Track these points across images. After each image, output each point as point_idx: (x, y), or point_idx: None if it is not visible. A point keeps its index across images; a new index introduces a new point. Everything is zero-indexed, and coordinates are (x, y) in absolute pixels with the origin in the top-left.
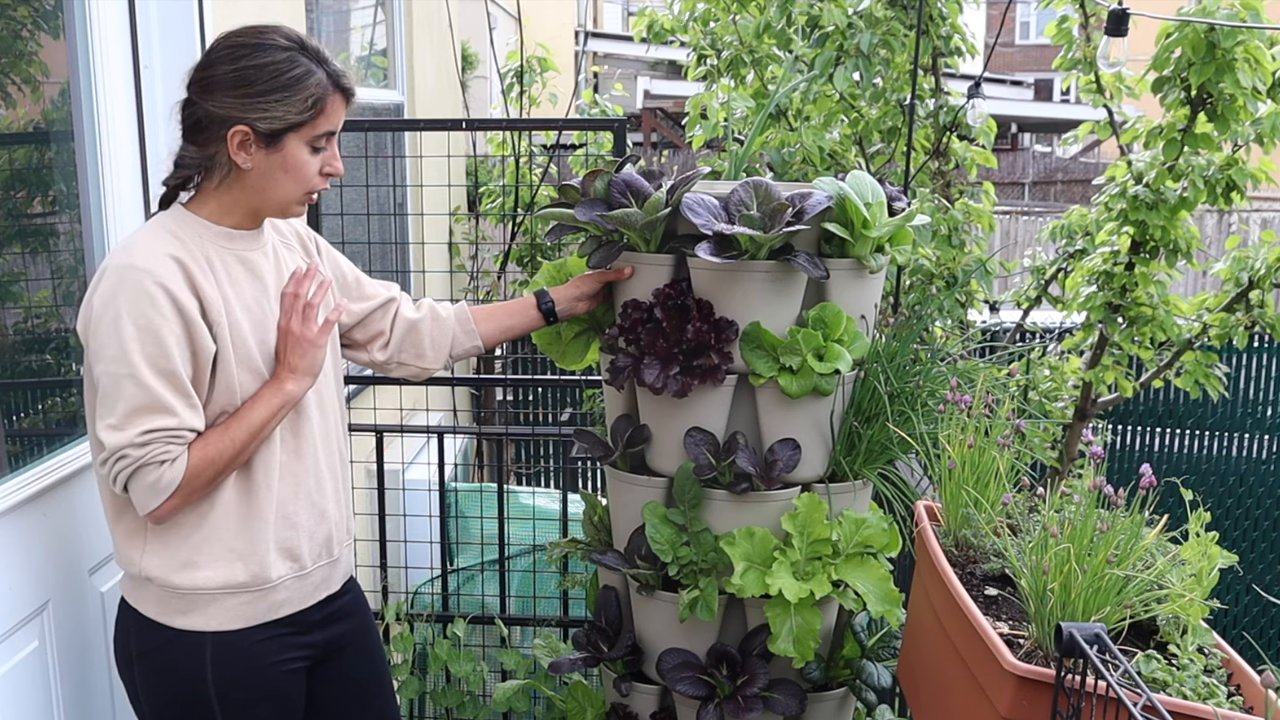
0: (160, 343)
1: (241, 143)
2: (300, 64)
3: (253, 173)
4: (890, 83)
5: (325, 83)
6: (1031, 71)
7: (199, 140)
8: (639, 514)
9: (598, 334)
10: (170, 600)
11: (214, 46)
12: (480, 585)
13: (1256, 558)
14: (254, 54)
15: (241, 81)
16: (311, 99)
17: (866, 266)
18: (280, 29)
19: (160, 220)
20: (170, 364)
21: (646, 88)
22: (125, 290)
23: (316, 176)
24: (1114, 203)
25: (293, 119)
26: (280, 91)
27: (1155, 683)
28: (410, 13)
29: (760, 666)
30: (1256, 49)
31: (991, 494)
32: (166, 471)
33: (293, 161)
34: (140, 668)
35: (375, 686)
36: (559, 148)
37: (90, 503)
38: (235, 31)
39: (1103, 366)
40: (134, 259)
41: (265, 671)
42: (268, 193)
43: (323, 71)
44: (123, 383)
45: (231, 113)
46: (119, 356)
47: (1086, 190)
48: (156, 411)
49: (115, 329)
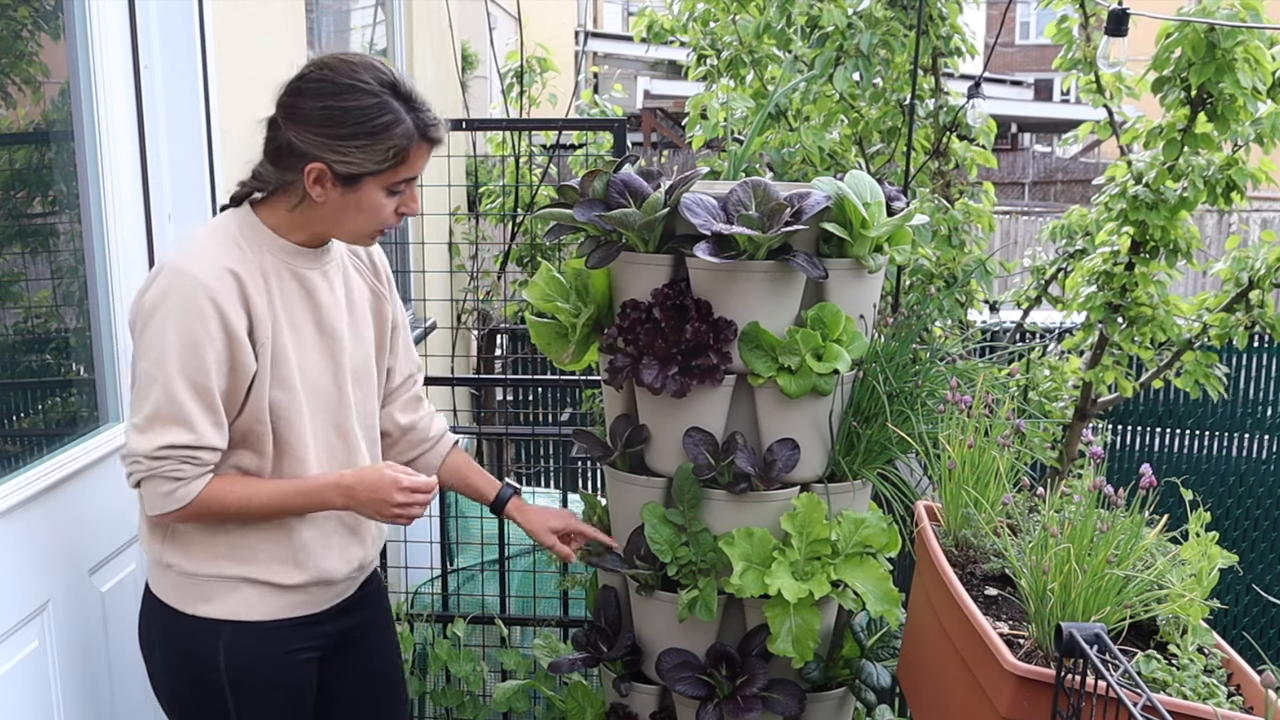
0: (200, 357)
1: (318, 179)
2: (388, 112)
3: (326, 206)
4: (890, 83)
5: (411, 132)
6: (1031, 71)
7: (278, 164)
8: (638, 514)
9: (597, 334)
10: (189, 587)
11: (307, 73)
12: (480, 585)
13: (1256, 558)
14: (343, 95)
15: (326, 121)
16: (394, 150)
17: (865, 266)
18: (376, 67)
19: (227, 222)
20: (205, 379)
21: (646, 88)
22: (176, 298)
23: (391, 215)
24: (1114, 203)
25: (371, 167)
26: (363, 138)
27: (1155, 683)
28: (410, 13)
29: (760, 666)
30: (1256, 49)
31: (991, 494)
32: (179, 488)
33: (368, 203)
34: (157, 651)
35: (389, 676)
36: (559, 148)
37: (90, 503)
38: (330, 62)
39: (1103, 366)
40: (191, 267)
41: (279, 660)
42: (339, 225)
43: (411, 119)
44: (154, 387)
45: (312, 149)
46: (157, 360)
47: (1086, 190)
48: (178, 424)
49: (160, 333)
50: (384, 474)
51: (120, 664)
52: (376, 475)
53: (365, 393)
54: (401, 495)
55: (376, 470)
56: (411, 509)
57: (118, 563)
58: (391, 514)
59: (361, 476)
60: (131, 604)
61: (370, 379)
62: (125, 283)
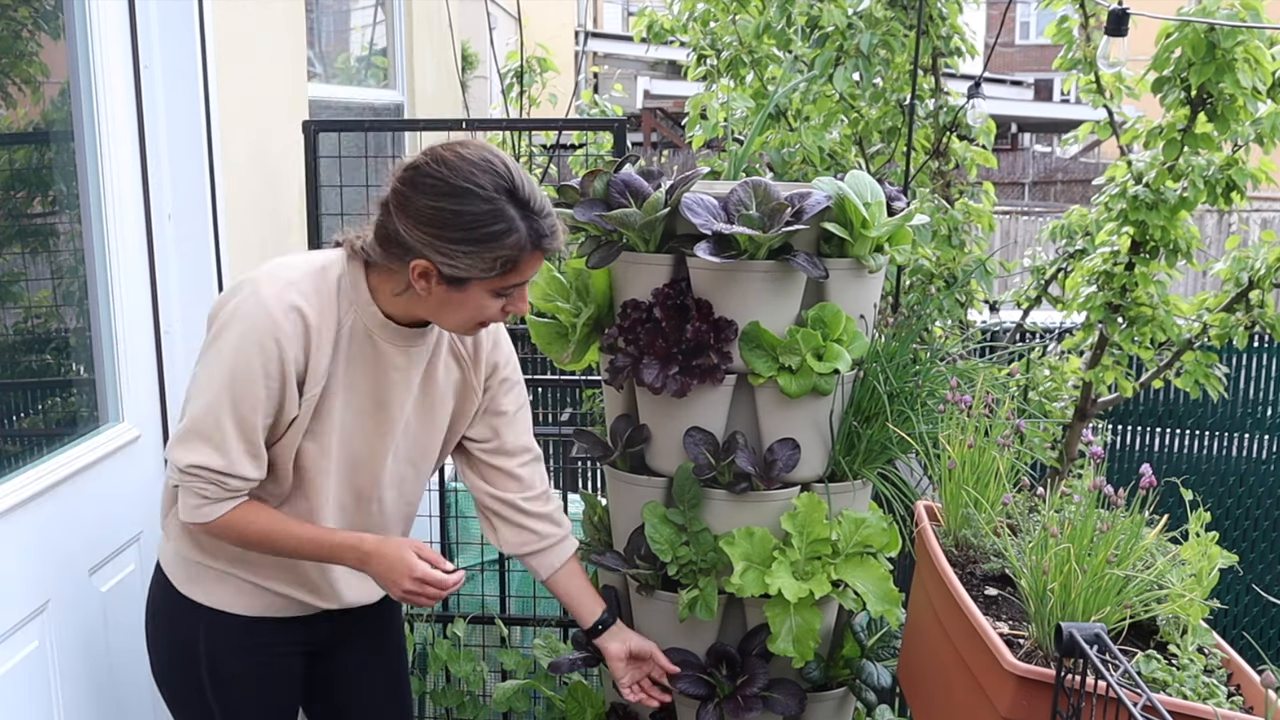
0: (251, 391)
1: (423, 274)
2: (502, 220)
3: (430, 299)
4: (890, 83)
5: (524, 242)
6: (1031, 71)
7: (385, 250)
8: (638, 514)
9: (597, 334)
10: (181, 565)
11: (423, 165)
12: (480, 585)
13: (1256, 558)
14: (457, 198)
15: (436, 222)
16: (503, 260)
17: (866, 266)
18: (496, 169)
19: (331, 267)
20: (251, 413)
21: (646, 88)
22: (246, 325)
23: (496, 314)
24: (1114, 203)
25: (479, 274)
26: (472, 245)
27: (1155, 683)
28: (410, 13)
29: (760, 666)
30: (1256, 49)
31: (991, 494)
32: (204, 506)
33: (473, 304)
34: (151, 624)
35: (387, 674)
36: (559, 148)
37: (90, 503)
38: (449, 157)
39: (1103, 366)
40: (270, 297)
41: (258, 652)
42: (440, 317)
43: (525, 228)
44: (201, 401)
45: (419, 246)
46: (210, 379)
47: (1086, 190)
48: (213, 447)
49: (220, 354)
50: (404, 556)
51: (120, 664)
52: (396, 554)
53: (416, 473)
54: (411, 584)
55: (398, 549)
56: (420, 598)
57: (118, 563)
58: (399, 595)
59: (381, 550)
60: (132, 604)
61: (428, 462)
62: (125, 283)
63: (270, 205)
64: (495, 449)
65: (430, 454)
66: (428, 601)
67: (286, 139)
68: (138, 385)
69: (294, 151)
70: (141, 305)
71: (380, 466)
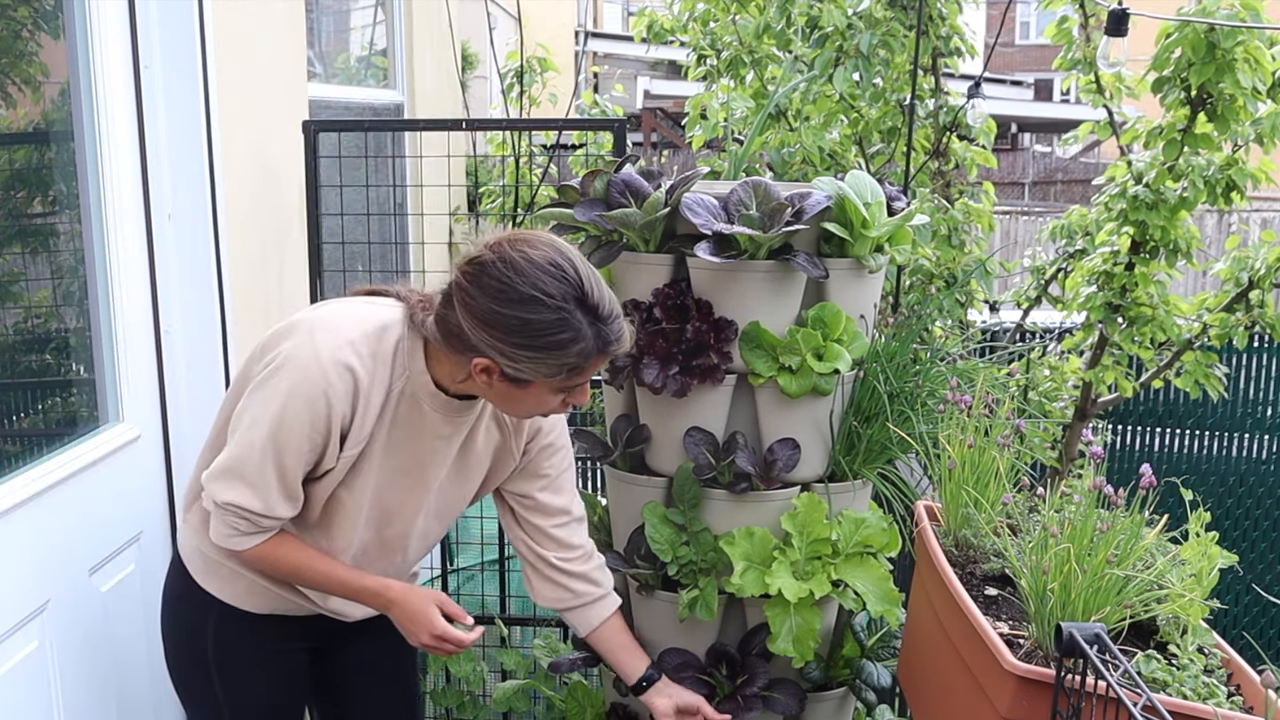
0: (296, 442)
1: (485, 370)
2: (569, 328)
3: (489, 391)
4: (890, 83)
5: (590, 350)
6: (1031, 71)
7: (447, 343)
8: (638, 514)
9: None
10: (199, 558)
11: (490, 264)
12: (480, 585)
13: (1256, 558)
14: (523, 305)
15: (503, 328)
16: (569, 367)
17: (866, 266)
18: (564, 275)
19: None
20: (294, 462)
21: (646, 88)
22: (298, 375)
23: (557, 407)
24: (1114, 203)
25: (543, 378)
26: (538, 352)
27: (1155, 683)
28: (410, 13)
29: (760, 666)
30: (1256, 49)
31: (991, 494)
32: (235, 538)
33: (533, 400)
34: (166, 612)
35: (395, 668)
36: (559, 148)
37: (90, 503)
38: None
39: (1103, 366)
40: (323, 354)
41: (265, 644)
42: (501, 404)
43: (592, 334)
44: (242, 443)
45: (482, 346)
46: (257, 422)
47: (1086, 190)
48: (252, 489)
49: (268, 400)
50: (426, 610)
51: (120, 664)
52: (419, 608)
53: (441, 524)
54: (429, 639)
55: (422, 603)
56: (435, 650)
57: (118, 563)
58: (417, 643)
59: (406, 600)
60: (132, 604)
61: (455, 513)
62: (125, 283)
63: (270, 205)
64: (532, 507)
65: (458, 509)
66: (443, 654)
67: (286, 139)
68: (138, 385)
69: (294, 151)
70: (141, 305)
71: (410, 522)
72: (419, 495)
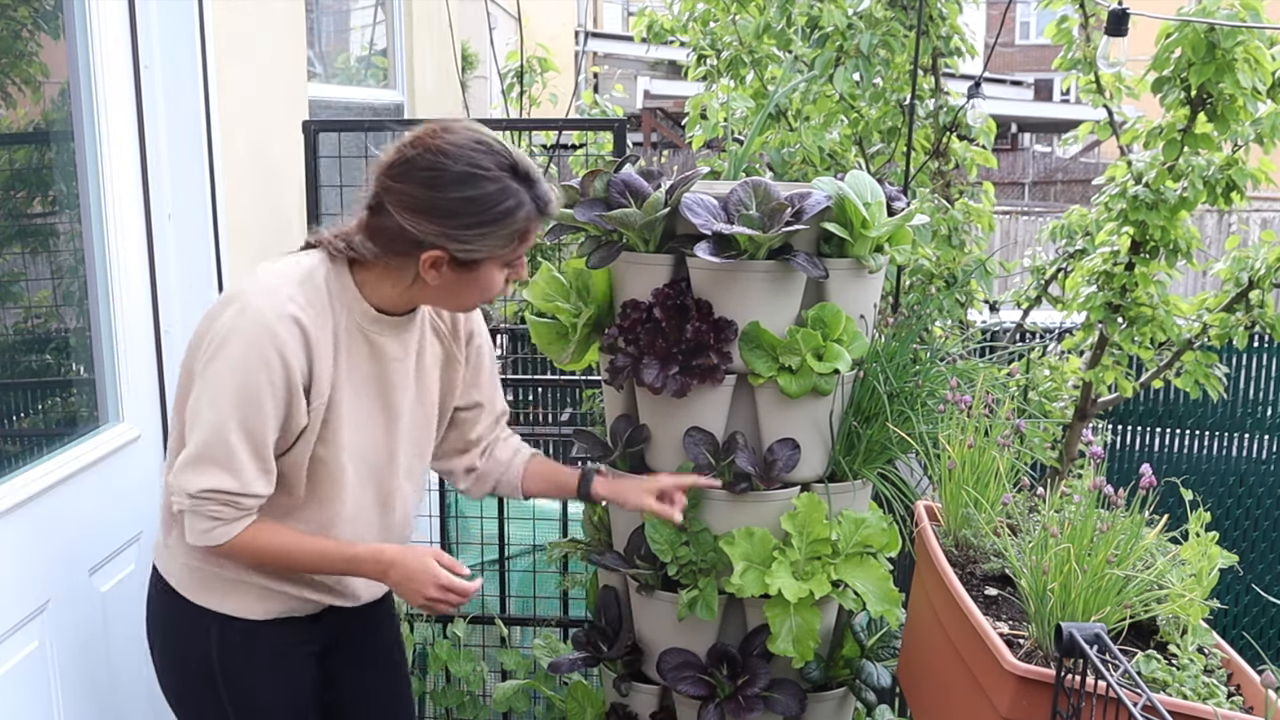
0: (258, 406)
1: (434, 264)
2: (510, 195)
3: (440, 286)
4: (890, 83)
5: (531, 211)
6: (1031, 71)
7: (388, 248)
8: (638, 514)
9: (598, 334)
10: (193, 574)
11: (415, 157)
12: (480, 585)
13: (1256, 558)
14: (463, 184)
15: (448, 211)
16: (518, 233)
17: (866, 266)
18: (493, 148)
19: (315, 271)
20: (261, 428)
21: (646, 88)
22: (244, 341)
23: (501, 285)
24: (1114, 203)
25: (496, 252)
26: (487, 225)
27: (1155, 683)
28: (410, 13)
29: (761, 666)
30: (1256, 49)
31: (991, 494)
32: (217, 529)
33: (484, 282)
34: (159, 637)
35: (393, 665)
36: (559, 148)
37: (90, 503)
38: (441, 145)
39: (1103, 366)
40: (265, 310)
41: (272, 653)
42: (448, 301)
43: (529, 197)
44: (207, 427)
45: (430, 238)
46: (214, 401)
47: (1086, 190)
48: (225, 469)
49: (221, 374)
50: (426, 564)
51: (120, 664)
52: (419, 564)
53: (419, 455)
54: (436, 591)
55: (420, 558)
56: (441, 605)
57: (118, 563)
58: (420, 603)
59: (404, 560)
60: (132, 604)
61: (428, 442)
62: (125, 283)
63: (270, 205)
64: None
65: (431, 436)
66: (447, 609)
67: (286, 139)
68: (138, 385)
69: (294, 151)
70: (141, 305)
71: (394, 461)
72: (394, 430)
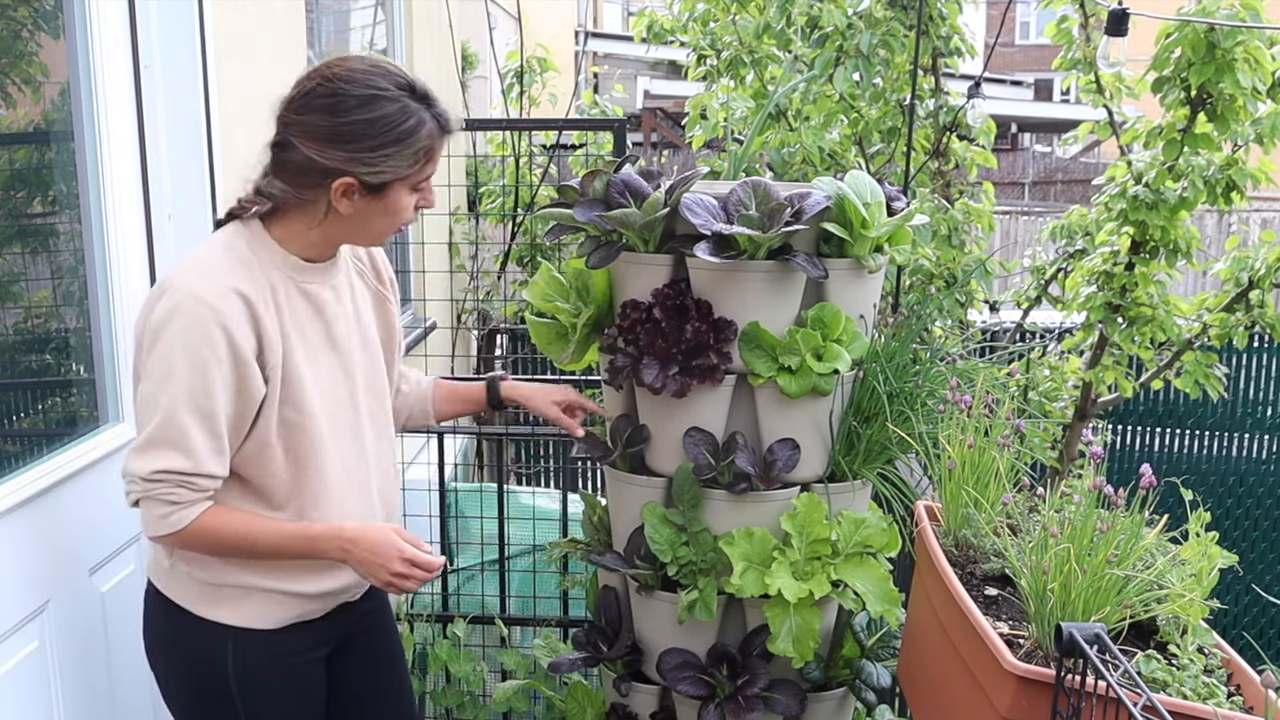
0: (206, 382)
1: (345, 192)
2: (412, 114)
3: (353, 216)
4: (890, 83)
5: (435, 130)
6: (1031, 71)
7: (297, 183)
8: (638, 514)
9: (597, 334)
10: (201, 590)
11: (315, 88)
12: (480, 585)
13: (1256, 558)
14: (364, 107)
15: (353, 135)
16: (422, 150)
17: (865, 266)
18: (390, 72)
19: (235, 239)
20: (211, 404)
21: (646, 88)
22: (184, 320)
23: (411, 212)
24: (1114, 203)
25: (403, 172)
26: (392, 146)
27: (1155, 683)
28: (410, 13)
29: (761, 666)
30: (1256, 49)
31: (991, 494)
32: (174, 513)
33: (394, 206)
34: (166, 655)
35: (391, 661)
36: (559, 148)
37: (90, 503)
38: (338, 73)
39: (1103, 366)
40: (199, 287)
41: (288, 662)
42: (362, 232)
43: (430, 117)
44: (157, 410)
45: (338, 165)
46: (162, 384)
47: (1086, 190)
48: (177, 449)
49: (166, 356)
50: (389, 538)
51: (120, 664)
52: (381, 537)
53: (378, 401)
54: (402, 565)
55: (383, 532)
56: (407, 581)
57: (118, 563)
58: (385, 579)
59: (365, 534)
60: (132, 604)
61: (381, 384)
62: (125, 283)
63: None
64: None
65: (383, 379)
66: (413, 585)
67: None
68: None
69: None
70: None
71: (358, 410)
72: (351, 378)
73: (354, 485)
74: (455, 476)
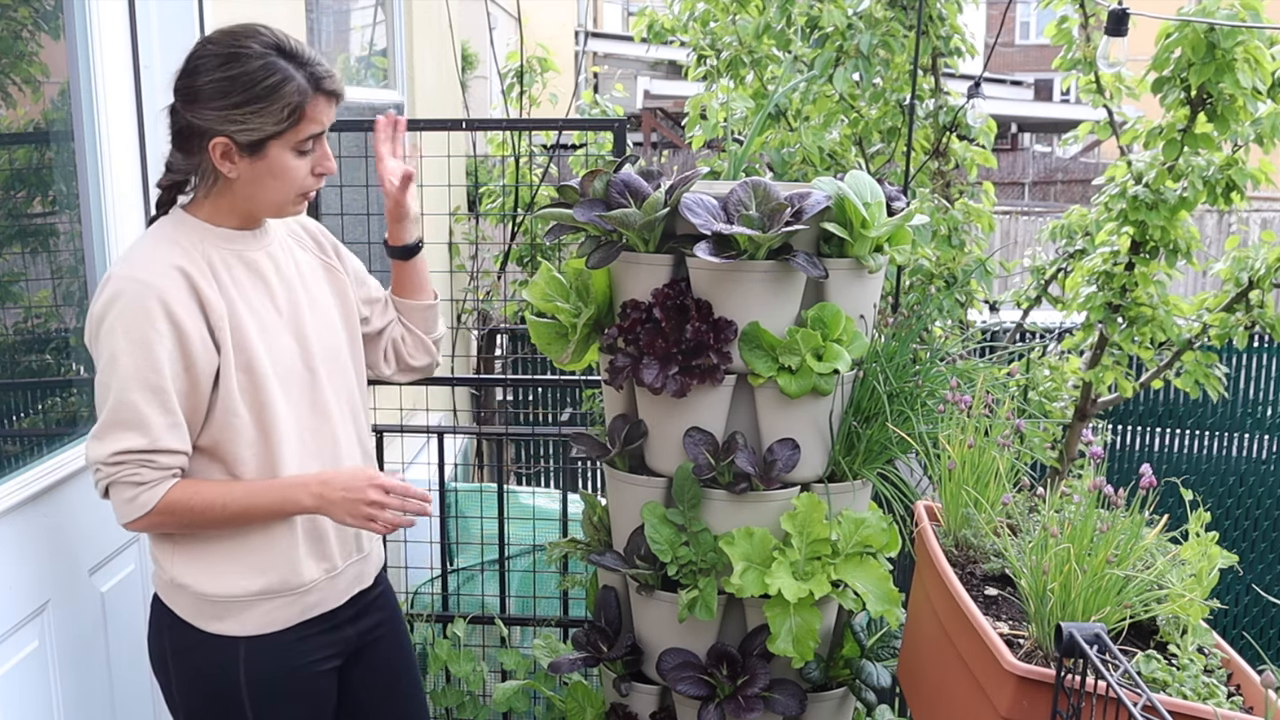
0: (151, 358)
1: (224, 154)
2: (276, 71)
3: (240, 180)
4: (890, 83)
5: (305, 88)
6: (1031, 71)
7: (184, 149)
8: (638, 514)
9: (597, 334)
10: (203, 606)
11: (194, 53)
12: (480, 585)
13: (1256, 558)
14: (229, 64)
15: (218, 94)
16: (289, 107)
17: (865, 266)
18: (260, 33)
19: (160, 227)
20: (159, 379)
21: (646, 88)
22: (123, 302)
23: (308, 178)
24: (1114, 203)
25: (271, 129)
26: (256, 102)
27: (1155, 683)
28: (410, 13)
29: (761, 666)
30: (1256, 49)
31: (991, 494)
32: (141, 493)
33: (279, 167)
34: (174, 666)
35: (408, 677)
36: (559, 148)
37: (90, 503)
38: (214, 36)
39: (1103, 366)
40: (135, 271)
41: (298, 671)
42: (258, 198)
43: (302, 75)
44: (108, 394)
45: (211, 125)
46: (109, 366)
47: (1086, 190)
48: (132, 428)
49: (110, 339)
50: (361, 470)
51: (120, 664)
52: (351, 472)
53: (338, 370)
54: (375, 493)
55: (353, 470)
56: (386, 512)
57: (118, 563)
58: (365, 514)
59: (337, 474)
60: (132, 604)
61: (340, 355)
62: None
63: None
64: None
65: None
66: (393, 517)
67: None
68: None
69: None
70: None
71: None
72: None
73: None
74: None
